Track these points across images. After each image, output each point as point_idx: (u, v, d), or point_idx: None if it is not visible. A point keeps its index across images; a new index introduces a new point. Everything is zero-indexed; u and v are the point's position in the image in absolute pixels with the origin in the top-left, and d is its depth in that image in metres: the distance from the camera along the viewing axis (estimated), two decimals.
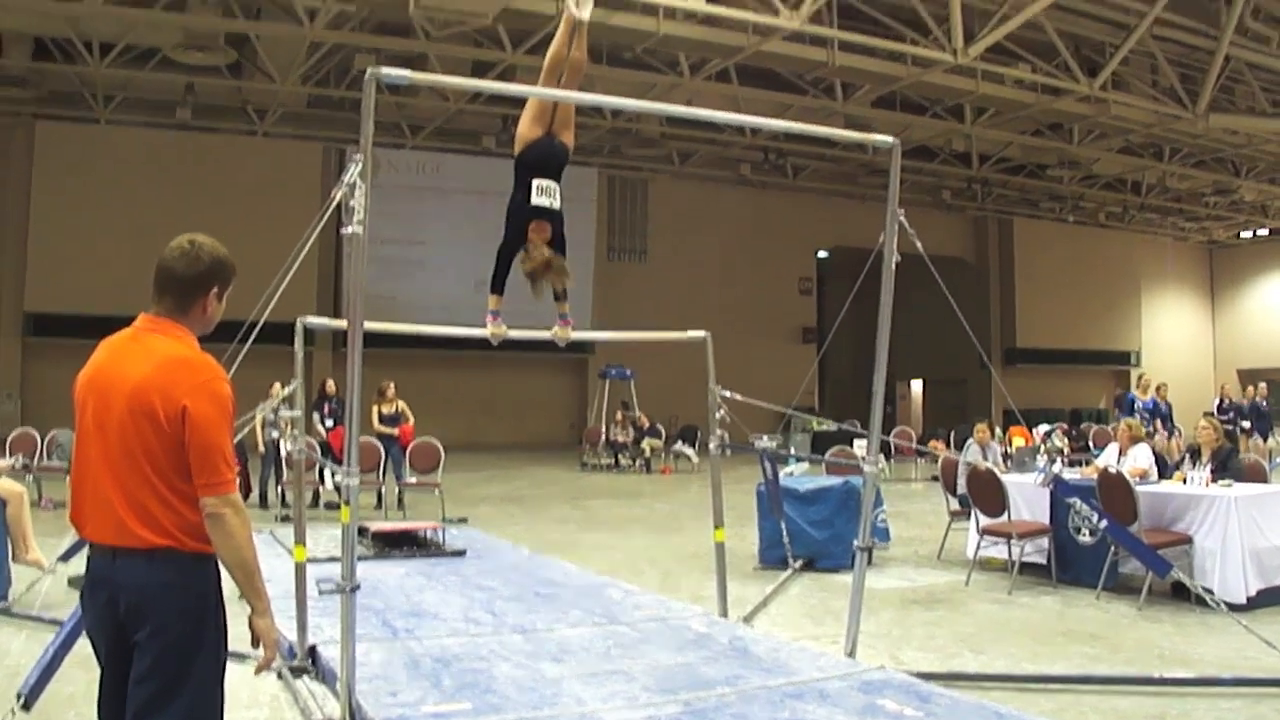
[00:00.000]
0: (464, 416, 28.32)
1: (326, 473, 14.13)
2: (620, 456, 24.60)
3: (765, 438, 12.03)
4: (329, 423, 15.48)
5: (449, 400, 27.41)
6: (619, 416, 25.28)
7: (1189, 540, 9.00)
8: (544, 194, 6.52)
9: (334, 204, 5.21)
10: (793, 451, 19.87)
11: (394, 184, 28.21)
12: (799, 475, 12.71)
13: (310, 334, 7.18)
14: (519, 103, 7.08)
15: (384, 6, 18.84)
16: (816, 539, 10.75)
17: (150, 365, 3.37)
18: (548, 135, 6.64)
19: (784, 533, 10.76)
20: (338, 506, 5.79)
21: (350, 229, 5.14)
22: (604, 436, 25.27)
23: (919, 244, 6.33)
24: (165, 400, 3.32)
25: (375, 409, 15.49)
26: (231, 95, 25.93)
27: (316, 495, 15.05)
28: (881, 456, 7.35)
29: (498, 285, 6.63)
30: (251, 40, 22.09)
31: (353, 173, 5.13)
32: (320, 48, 22.12)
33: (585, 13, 6.47)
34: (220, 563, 3.41)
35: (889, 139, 6.65)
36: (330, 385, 15.98)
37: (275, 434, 14.54)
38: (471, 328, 7.09)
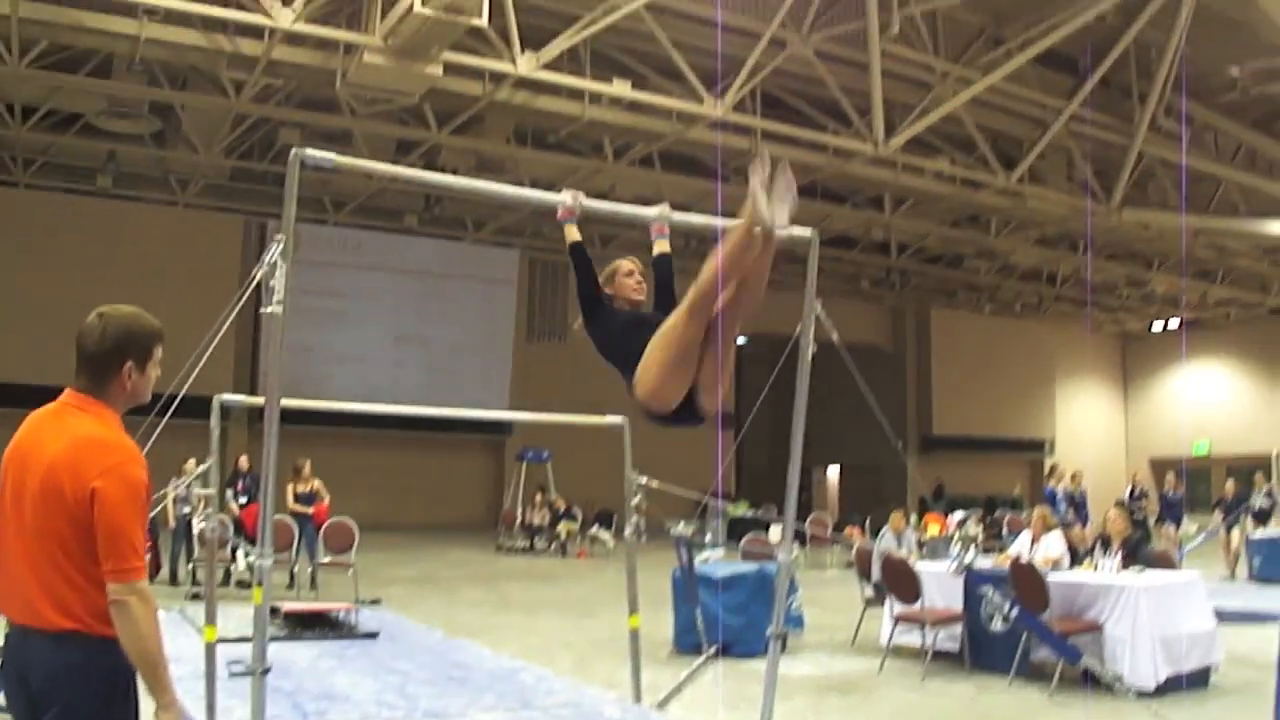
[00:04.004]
0: (379, 496, 27.78)
1: (239, 551, 13.91)
2: (536, 539, 24.40)
3: (682, 523, 12.03)
4: (243, 499, 15.28)
5: (364, 479, 26.84)
6: (536, 499, 25.12)
7: (1099, 628, 9.11)
8: None
9: (254, 283, 5.19)
10: (708, 539, 19.87)
11: (315, 260, 28.03)
12: (715, 561, 12.70)
13: (226, 410, 7.13)
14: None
15: (310, 82, 18.93)
16: (731, 625, 10.72)
17: (63, 444, 3.30)
18: (689, 401, 4.66)
19: (698, 619, 10.73)
20: (249, 585, 5.72)
21: (270, 309, 5.13)
22: (520, 519, 25.06)
23: (835, 336, 6.41)
24: (74, 481, 3.24)
25: (290, 487, 15.29)
26: (154, 164, 25.75)
27: (228, 573, 14.80)
28: (796, 544, 7.39)
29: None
30: (176, 110, 21.98)
31: (274, 252, 5.12)
32: (245, 120, 22.13)
33: (772, 218, 4.45)
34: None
35: (807, 232, 6.69)
36: (244, 461, 15.79)
37: (187, 510, 14.37)
38: (391, 405, 7.05)
